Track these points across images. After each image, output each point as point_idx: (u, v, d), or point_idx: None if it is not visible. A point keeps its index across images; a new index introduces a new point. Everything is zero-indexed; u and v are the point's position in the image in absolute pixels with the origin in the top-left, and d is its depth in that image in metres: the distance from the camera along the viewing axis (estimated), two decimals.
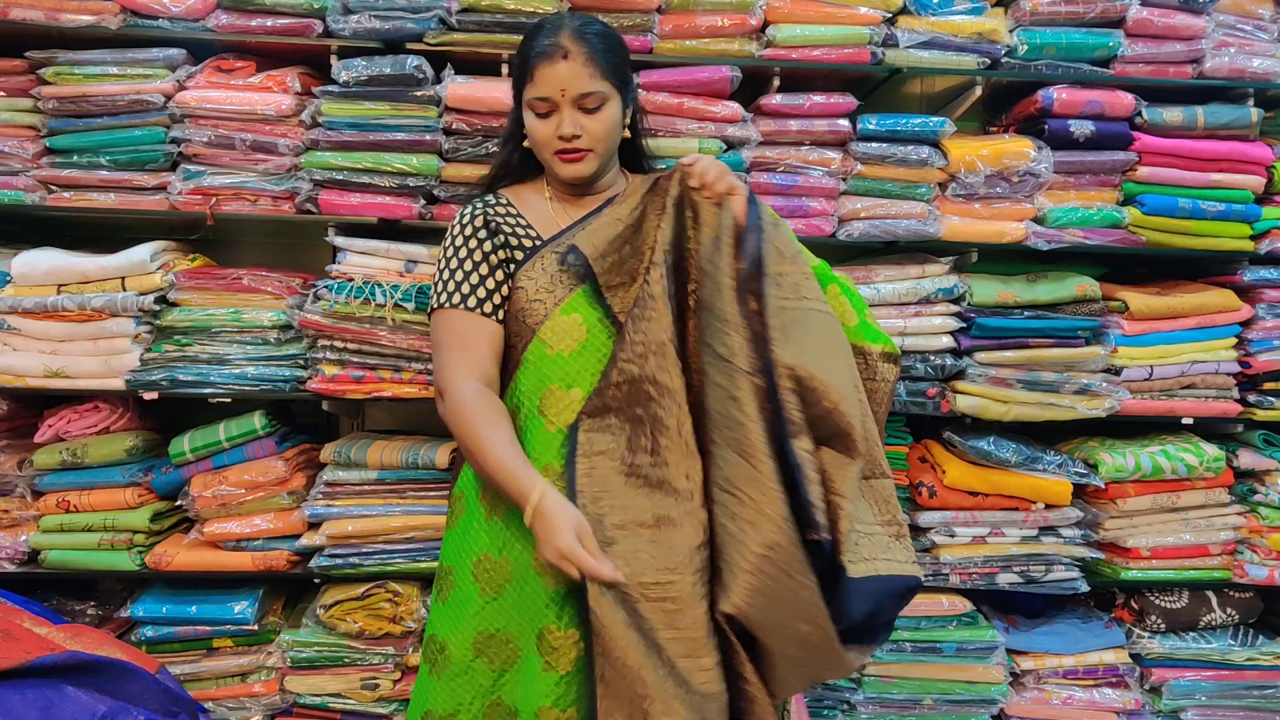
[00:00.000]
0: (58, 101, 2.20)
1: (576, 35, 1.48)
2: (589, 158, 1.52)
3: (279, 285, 2.24)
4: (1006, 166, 2.28)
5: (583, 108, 1.49)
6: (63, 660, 1.77)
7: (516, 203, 1.60)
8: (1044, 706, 2.40)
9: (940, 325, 2.31)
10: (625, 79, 1.54)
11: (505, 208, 1.58)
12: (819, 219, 2.31)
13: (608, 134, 1.51)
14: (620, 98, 1.53)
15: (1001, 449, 2.30)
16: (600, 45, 1.49)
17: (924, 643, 2.35)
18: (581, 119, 1.49)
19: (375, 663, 2.28)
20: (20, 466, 2.28)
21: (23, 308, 2.16)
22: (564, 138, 1.49)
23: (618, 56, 1.52)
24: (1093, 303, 2.35)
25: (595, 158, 1.52)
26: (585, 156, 1.51)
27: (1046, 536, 2.36)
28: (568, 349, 1.48)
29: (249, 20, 2.19)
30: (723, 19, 2.25)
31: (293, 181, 2.23)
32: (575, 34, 1.48)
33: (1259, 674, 2.43)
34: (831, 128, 2.28)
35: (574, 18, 1.52)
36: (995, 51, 2.32)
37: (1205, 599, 2.44)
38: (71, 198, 2.24)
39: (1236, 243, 2.37)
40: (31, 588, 2.25)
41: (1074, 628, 2.45)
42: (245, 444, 2.23)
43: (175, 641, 2.26)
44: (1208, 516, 2.41)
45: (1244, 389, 2.42)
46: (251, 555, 2.22)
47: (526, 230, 1.56)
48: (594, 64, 1.47)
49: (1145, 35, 2.32)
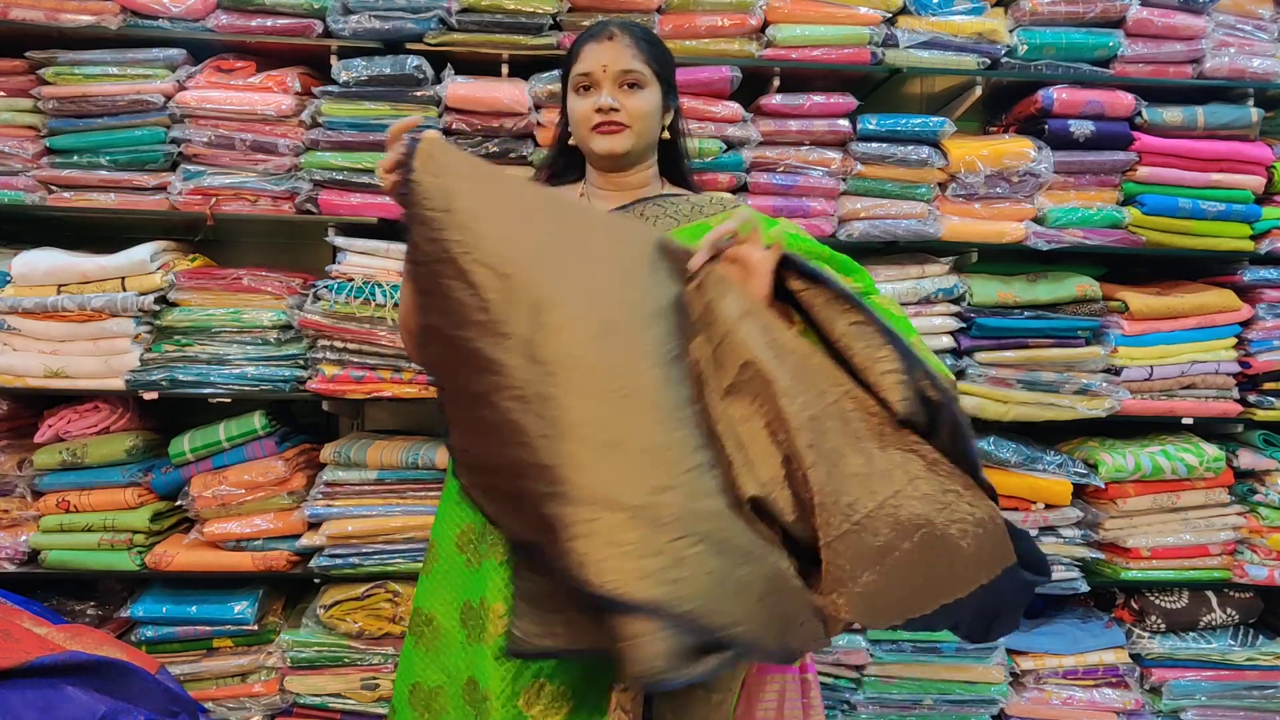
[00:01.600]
0: (58, 101, 2.20)
1: (625, 26, 1.57)
2: (625, 134, 1.54)
3: (279, 285, 2.24)
4: (1006, 166, 2.28)
5: (624, 84, 1.54)
6: (63, 660, 1.77)
7: None
8: (1044, 707, 2.40)
9: (940, 325, 2.31)
10: (667, 76, 1.60)
11: None
12: (819, 219, 2.31)
13: (646, 115, 1.55)
14: (660, 89, 1.58)
15: (1001, 449, 2.30)
16: (645, 37, 1.58)
17: (924, 643, 2.35)
18: (622, 97, 1.54)
19: (375, 663, 2.28)
20: (20, 466, 2.28)
21: (23, 308, 2.17)
22: (602, 110, 1.53)
23: (662, 54, 1.60)
24: (1093, 303, 2.35)
25: (631, 135, 1.55)
26: (622, 131, 1.54)
27: (1046, 536, 2.36)
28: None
29: (249, 20, 2.19)
30: (723, 19, 2.25)
31: (293, 181, 2.23)
32: (624, 25, 1.58)
33: (1259, 674, 2.43)
34: (831, 128, 2.28)
35: (623, 20, 1.64)
36: (995, 51, 2.32)
37: (1205, 599, 2.44)
38: (71, 198, 2.24)
39: (1236, 243, 2.37)
40: (31, 588, 2.25)
41: (1074, 628, 2.45)
42: (245, 444, 2.23)
43: (175, 641, 2.26)
44: (1208, 516, 2.41)
45: (1244, 389, 2.42)
46: (251, 555, 2.22)
47: None
48: (638, 48, 1.54)
49: (1145, 35, 2.32)
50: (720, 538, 1.16)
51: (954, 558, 1.20)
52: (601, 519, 1.11)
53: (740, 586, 1.16)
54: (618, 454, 1.15)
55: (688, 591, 1.10)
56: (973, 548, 1.20)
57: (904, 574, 1.20)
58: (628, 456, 1.15)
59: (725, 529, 1.18)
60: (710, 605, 1.12)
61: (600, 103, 1.53)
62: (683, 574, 1.10)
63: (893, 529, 1.19)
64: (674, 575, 1.10)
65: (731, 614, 1.14)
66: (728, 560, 1.16)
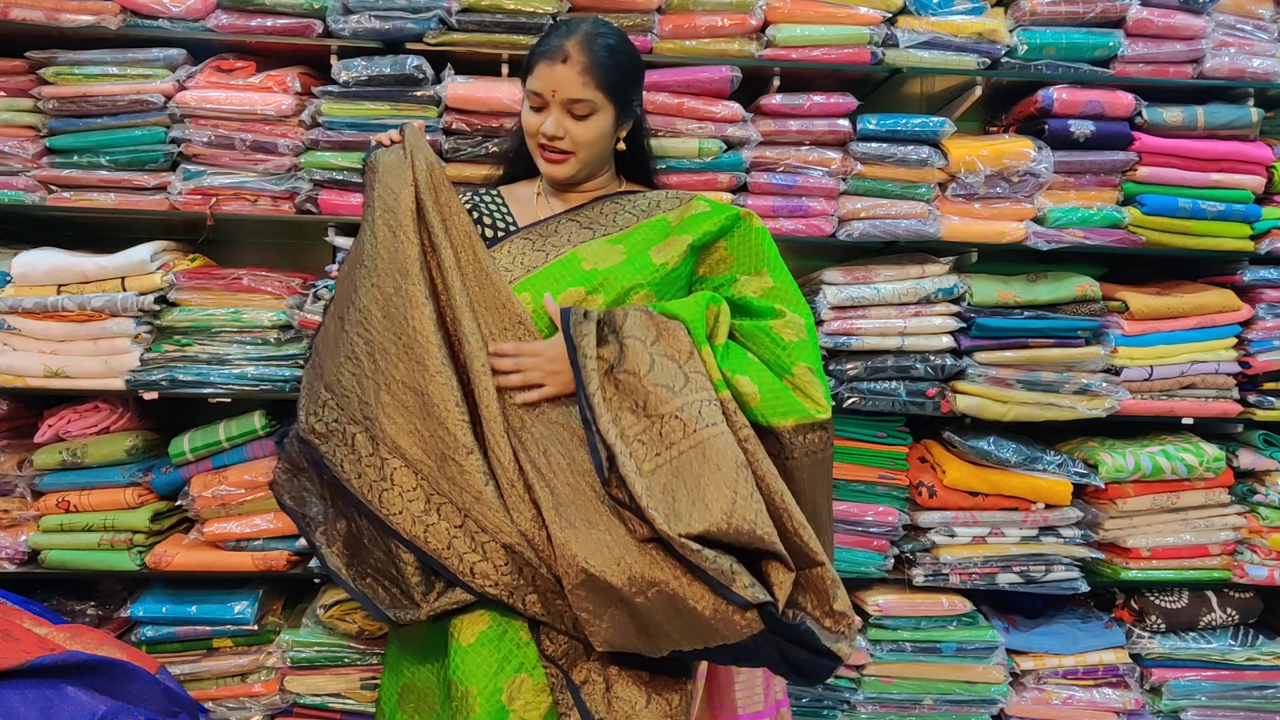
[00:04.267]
0: (58, 101, 2.20)
1: (584, 42, 1.51)
2: (569, 160, 1.57)
3: (279, 285, 2.24)
4: (1006, 166, 2.28)
5: (571, 113, 1.53)
6: (63, 660, 1.76)
7: (506, 196, 1.69)
8: (1044, 707, 2.40)
9: (940, 325, 2.31)
10: (623, 95, 1.57)
11: (493, 198, 1.68)
12: (819, 219, 2.31)
13: (591, 142, 1.55)
14: (613, 110, 1.56)
15: (1001, 449, 2.30)
16: (604, 58, 1.51)
17: (924, 643, 2.35)
18: (568, 123, 1.54)
19: (375, 663, 2.28)
20: (20, 466, 2.28)
21: (23, 308, 2.17)
22: (547, 136, 1.54)
23: (620, 73, 1.54)
24: (1093, 303, 2.35)
25: (576, 161, 1.57)
26: (566, 159, 1.57)
27: (1046, 536, 2.36)
28: None
29: (249, 20, 2.19)
30: (723, 19, 2.25)
31: (293, 181, 2.23)
32: (583, 41, 1.51)
33: (1259, 674, 2.43)
34: (831, 128, 2.28)
35: (593, 24, 1.55)
36: (995, 51, 2.32)
37: (1205, 599, 2.44)
38: (71, 198, 2.24)
39: (1236, 243, 2.37)
40: (31, 588, 2.25)
41: (1074, 628, 2.45)
42: (245, 444, 2.23)
43: (175, 641, 2.26)
44: (1208, 516, 2.41)
45: (1244, 389, 2.42)
46: (251, 555, 2.22)
47: (504, 217, 1.64)
48: (590, 74, 1.50)
49: (1145, 35, 2.32)
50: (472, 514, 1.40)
51: (692, 615, 1.32)
52: (395, 463, 1.42)
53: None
54: (416, 416, 1.42)
55: (433, 542, 1.41)
56: (709, 610, 1.31)
57: (643, 620, 1.34)
58: (423, 423, 1.42)
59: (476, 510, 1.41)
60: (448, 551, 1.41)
61: (545, 128, 1.53)
62: (430, 520, 1.41)
63: (628, 583, 1.32)
64: (428, 521, 1.41)
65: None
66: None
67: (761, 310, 1.54)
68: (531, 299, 1.52)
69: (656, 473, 1.35)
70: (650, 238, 1.57)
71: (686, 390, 1.39)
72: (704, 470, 1.34)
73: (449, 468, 1.39)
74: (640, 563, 1.32)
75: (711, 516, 1.29)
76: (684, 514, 1.30)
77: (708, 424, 1.37)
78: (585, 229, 1.59)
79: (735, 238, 1.60)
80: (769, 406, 1.45)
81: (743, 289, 1.57)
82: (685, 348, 1.44)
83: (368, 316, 1.47)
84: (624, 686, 1.41)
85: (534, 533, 1.38)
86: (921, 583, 2.35)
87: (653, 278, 1.54)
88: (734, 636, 1.31)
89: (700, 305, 1.49)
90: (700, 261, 1.62)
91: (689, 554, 1.28)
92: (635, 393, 1.39)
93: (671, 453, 1.36)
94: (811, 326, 1.55)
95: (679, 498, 1.32)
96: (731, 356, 1.48)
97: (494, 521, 1.38)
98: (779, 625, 1.31)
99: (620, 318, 1.46)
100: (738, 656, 1.37)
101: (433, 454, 1.41)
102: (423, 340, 1.43)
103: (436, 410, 1.40)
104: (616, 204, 1.63)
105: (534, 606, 1.40)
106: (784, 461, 1.45)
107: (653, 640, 1.36)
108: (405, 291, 1.45)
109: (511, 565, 1.38)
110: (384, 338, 1.45)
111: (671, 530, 1.28)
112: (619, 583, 1.31)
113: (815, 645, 1.33)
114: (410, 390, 1.42)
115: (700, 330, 1.47)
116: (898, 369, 2.30)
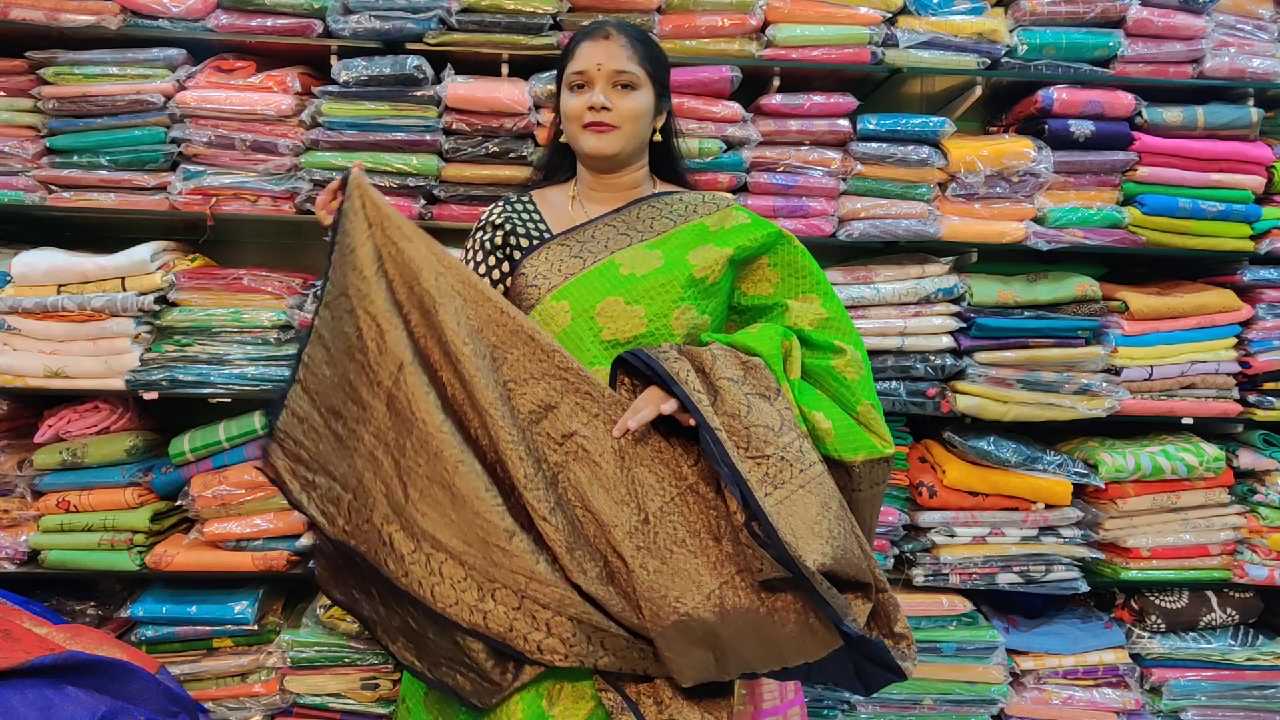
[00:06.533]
0: (58, 101, 2.20)
1: (621, 26, 1.59)
2: (615, 134, 1.57)
3: (279, 285, 2.24)
4: (1006, 166, 2.28)
5: (617, 84, 1.56)
6: (63, 660, 1.76)
7: (539, 201, 1.68)
8: (1044, 707, 2.40)
9: (940, 325, 2.31)
10: (660, 79, 1.62)
11: (524, 205, 1.67)
12: (819, 219, 2.31)
13: (636, 117, 1.57)
14: (653, 91, 1.60)
15: (1001, 449, 2.30)
16: (641, 39, 1.60)
17: (924, 643, 2.35)
18: (614, 97, 1.56)
19: (375, 663, 2.28)
20: (20, 466, 2.28)
21: (23, 308, 2.17)
22: (594, 108, 1.55)
23: (657, 57, 1.62)
24: (1093, 303, 2.35)
25: (621, 136, 1.57)
26: (611, 131, 1.56)
27: (1046, 536, 2.36)
28: (552, 333, 1.51)
29: (249, 20, 2.19)
30: (723, 19, 2.25)
31: (293, 181, 2.23)
32: (620, 26, 1.59)
33: (1259, 674, 2.43)
34: (831, 128, 2.28)
35: (621, 21, 1.64)
36: (995, 51, 2.32)
37: (1205, 599, 2.44)
38: (71, 198, 2.24)
39: (1236, 243, 2.37)
40: (31, 588, 2.25)
41: (1074, 628, 2.45)
42: (245, 444, 2.23)
43: (175, 641, 2.26)
44: (1208, 516, 2.41)
45: (1244, 389, 2.42)
46: (251, 555, 2.22)
47: (538, 225, 1.63)
48: (633, 49, 1.56)
49: (1145, 35, 2.32)
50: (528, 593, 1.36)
51: (776, 637, 1.37)
52: (440, 557, 1.38)
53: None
54: (449, 509, 1.37)
55: (494, 627, 1.37)
56: (794, 631, 1.37)
57: (726, 649, 1.36)
58: (458, 514, 1.36)
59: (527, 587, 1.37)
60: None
61: (592, 100, 1.54)
62: (487, 608, 1.37)
63: (718, 616, 1.35)
64: (485, 608, 1.37)
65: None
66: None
67: (819, 344, 1.56)
68: (570, 307, 1.51)
69: (777, 510, 1.36)
70: (687, 241, 1.57)
71: (784, 430, 1.41)
72: (812, 508, 1.36)
73: (494, 554, 1.35)
74: (731, 596, 1.35)
75: (828, 551, 1.33)
76: (806, 550, 1.33)
77: (810, 463, 1.40)
78: (622, 234, 1.59)
79: (779, 256, 1.61)
80: (842, 442, 1.49)
81: (798, 320, 1.57)
82: (772, 386, 1.45)
83: (373, 414, 1.42)
84: (679, 707, 1.40)
85: (598, 590, 1.35)
86: (922, 583, 2.35)
87: (693, 292, 1.53)
88: (816, 655, 1.36)
89: (775, 340, 1.50)
90: (741, 277, 1.63)
91: (821, 589, 1.31)
92: (737, 434, 1.39)
93: (782, 492, 1.37)
94: (867, 360, 1.58)
95: (799, 533, 1.34)
96: (805, 393, 1.51)
97: (554, 597, 1.34)
98: (863, 644, 1.37)
99: (708, 359, 1.44)
100: (810, 672, 1.39)
101: (475, 543, 1.36)
102: (433, 431, 1.36)
103: (468, 502, 1.35)
104: (653, 208, 1.63)
105: (603, 661, 1.38)
106: (852, 493, 1.50)
107: (727, 666, 1.36)
108: (404, 383, 1.39)
109: (579, 635, 1.36)
110: (397, 433, 1.40)
111: (813, 566, 1.31)
112: (712, 618, 1.34)
113: (889, 662, 1.41)
114: (436, 484, 1.37)
115: (779, 367, 1.49)
116: (898, 369, 2.30)
